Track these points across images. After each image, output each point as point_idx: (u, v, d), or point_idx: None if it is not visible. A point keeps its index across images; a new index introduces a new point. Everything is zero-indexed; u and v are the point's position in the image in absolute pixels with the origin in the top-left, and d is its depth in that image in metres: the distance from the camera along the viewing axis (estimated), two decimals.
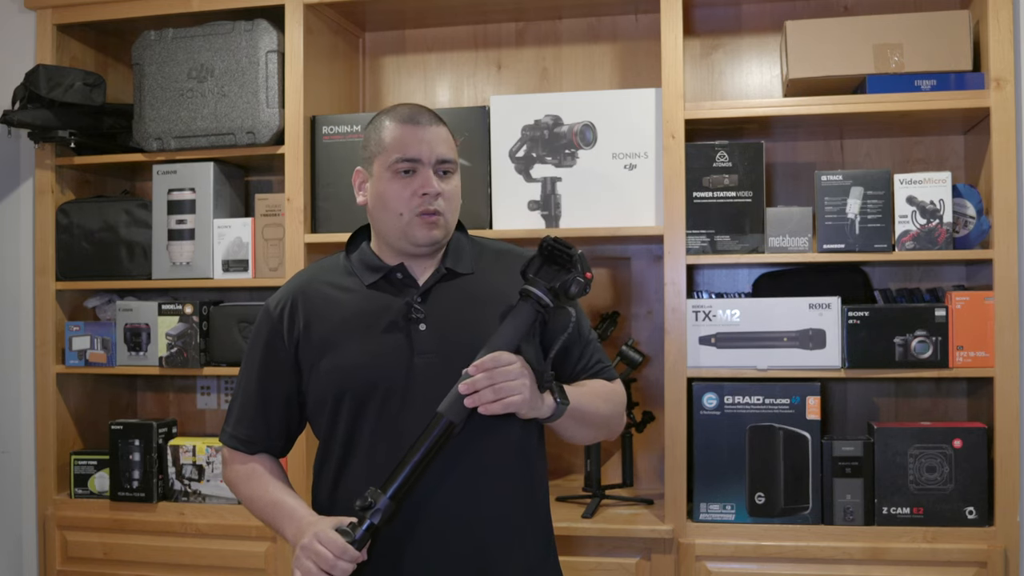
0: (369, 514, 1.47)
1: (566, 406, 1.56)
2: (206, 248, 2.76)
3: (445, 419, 1.49)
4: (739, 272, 2.81)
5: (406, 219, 1.61)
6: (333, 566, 1.45)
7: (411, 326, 1.61)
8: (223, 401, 3.10)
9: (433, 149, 1.61)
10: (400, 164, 1.60)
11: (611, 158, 2.54)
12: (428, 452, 1.49)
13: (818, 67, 2.46)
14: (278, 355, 1.67)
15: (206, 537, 2.70)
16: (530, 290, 1.55)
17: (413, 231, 1.61)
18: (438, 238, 1.63)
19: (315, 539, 1.47)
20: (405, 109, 1.65)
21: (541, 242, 1.57)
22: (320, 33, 2.76)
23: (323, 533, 1.47)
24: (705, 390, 2.45)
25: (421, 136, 1.61)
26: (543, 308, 1.55)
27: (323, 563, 1.45)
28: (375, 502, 1.47)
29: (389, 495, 1.47)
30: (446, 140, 1.64)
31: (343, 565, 1.45)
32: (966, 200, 2.43)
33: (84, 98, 2.76)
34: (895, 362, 2.38)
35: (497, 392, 1.47)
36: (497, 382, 1.47)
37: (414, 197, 1.60)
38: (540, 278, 1.56)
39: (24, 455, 2.95)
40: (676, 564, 2.42)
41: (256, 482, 1.68)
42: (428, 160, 1.60)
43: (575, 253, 1.56)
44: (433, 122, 1.64)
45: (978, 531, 2.33)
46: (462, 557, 1.59)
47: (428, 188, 1.59)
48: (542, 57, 2.94)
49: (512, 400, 1.48)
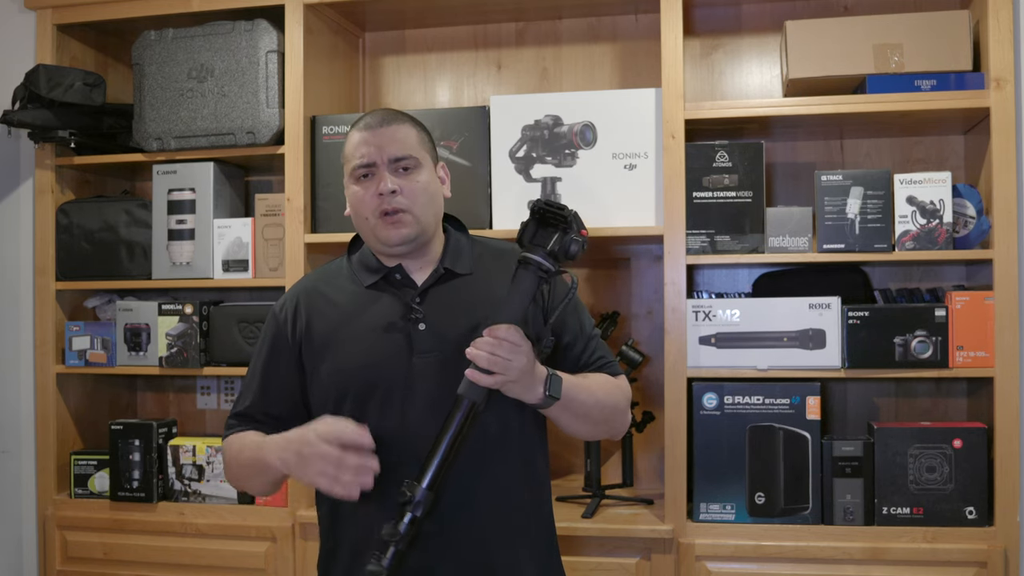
0: (409, 507, 1.46)
1: (554, 400, 1.56)
2: (206, 248, 2.76)
3: (467, 400, 1.49)
4: (739, 272, 2.81)
5: (372, 222, 1.63)
6: (340, 460, 1.44)
7: (410, 326, 1.61)
8: (223, 401, 3.10)
9: (384, 150, 1.62)
10: (358, 171, 1.63)
11: (611, 158, 2.54)
12: (456, 436, 1.49)
13: (818, 67, 2.46)
14: (283, 356, 1.69)
15: (206, 537, 2.70)
16: (529, 256, 1.53)
17: (379, 232, 1.62)
18: (407, 235, 1.62)
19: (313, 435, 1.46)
20: (366, 117, 1.67)
21: (531, 206, 1.55)
22: (320, 33, 2.76)
23: (319, 426, 1.47)
24: (705, 390, 2.45)
25: (372, 140, 1.62)
26: (544, 273, 1.53)
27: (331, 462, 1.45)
28: (413, 495, 1.46)
29: (426, 485, 1.47)
30: (402, 139, 1.64)
31: (351, 460, 1.45)
32: (966, 200, 2.43)
33: (84, 98, 2.77)
34: (895, 362, 2.38)
35: (492, 363, 1.47)
36: (496, 354, 1.47)
37: (373, 199, 1.61)
38: (536, 243, 1.54)
39: (24, 455, 2.95)
40: (676, 564, 2.42)
41: (243, 441, 1.66)
42: (381, 161, 1.62)
43: (568, 212, 1.54)
44: (389, 123, 1.64)
45: (978, 531, 2.33)
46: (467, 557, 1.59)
47: (381, 188, 1.60)
48: (542, 57, 2.95)
49: (499, 378, 1.48)
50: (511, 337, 1.48)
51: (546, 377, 1.55)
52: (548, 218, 1.54)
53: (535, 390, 1.54)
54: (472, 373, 1.48)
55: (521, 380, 1.50)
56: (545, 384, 1.55)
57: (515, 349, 1.48)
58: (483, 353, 1.47)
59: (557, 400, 1.56)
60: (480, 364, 1.47)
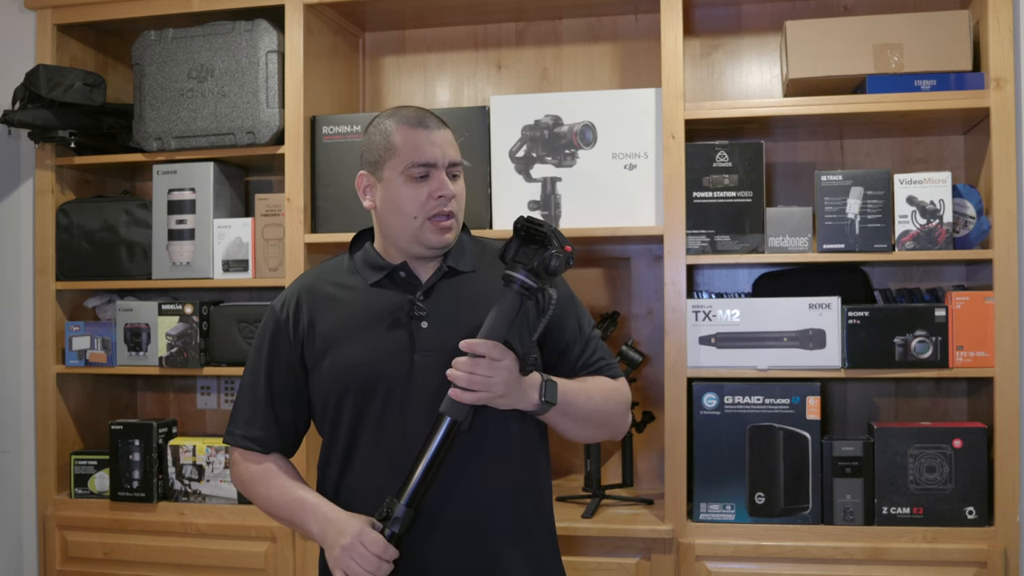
0: (389, 524, 1.49)
1: (551, 406, 1.56)
2: (206, 248, 2.76)
3: (448, 419, 1.50)
4: (739, 272, 2.81)
5: (419, 223, 1.62)
6: (378, 568, 1.48)
7: (413, 324, 1.61)
8: (223, 401, 3.10)
9: (445, 152, 1.62)
10: (415, 169, 1.61)
11: (611, 158, 2.54)
12: (437, 454, 1.50)
13: (818, 67, 2.46)
14: (285, 354, 1.68)
15: (206, 537, 2.70)
16: (511, 275, 1.53)
17: (426, 235, 1.62)
18: (450, 241, 1.64)
19: (359, 541, 1.49)
20: (411, 112, 1.66)
21: (515, 224, 1.56)
22: (320, 33, 2.76)
23: (366, 534, 1.50)
24: (705, 390, 2.45)
25: (433, 140, 1.62)
26: (527, 291, 1.53)
27: (368, 565, 1.48)
28: (392, 512, 1.49)
29: (405, 502, 1.49)
30: (453, 143, 1.66)
31: (386, 567, 1.49)
32: (966, 200, 2.43)
33: (84, 98, 2.77)
34: (895, 362, 2.38)
35: (471, 383, 1.48)
36: (475, 373, 1.48)
37: (429, 200, 1.61)
38: (518, 260, 1.55)
39: (24, 455, 2.95)
40: (676, 564, 2.42)
41: (273, 481, 1.67)
42: (442, 163, 1.62)
43: (548, 228, 1.54)
44: (440, 125, 1.65)
45: (978, 531, 2.33)
46: (467, 558, 1.59)
47: (444, 191, 1.61)
48: (542, 57, 2.95)
49: (481, 395, 1.49)
50: (491, 353, 1.48)
51: (541, 384, 1.55)
52: (532, 235, 1.55)
53: (529, 398, 1.54)
54: (455, 392, 1.49)
55: (508, 394, 1.51)
56: (540, 390, 1.55)
57: (494, 365, 1.48)
58: (461, 373, 1.48)
59: (554, 406, 1.56)
60: (460, 384, 1.49)
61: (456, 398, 1.49)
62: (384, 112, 1.69)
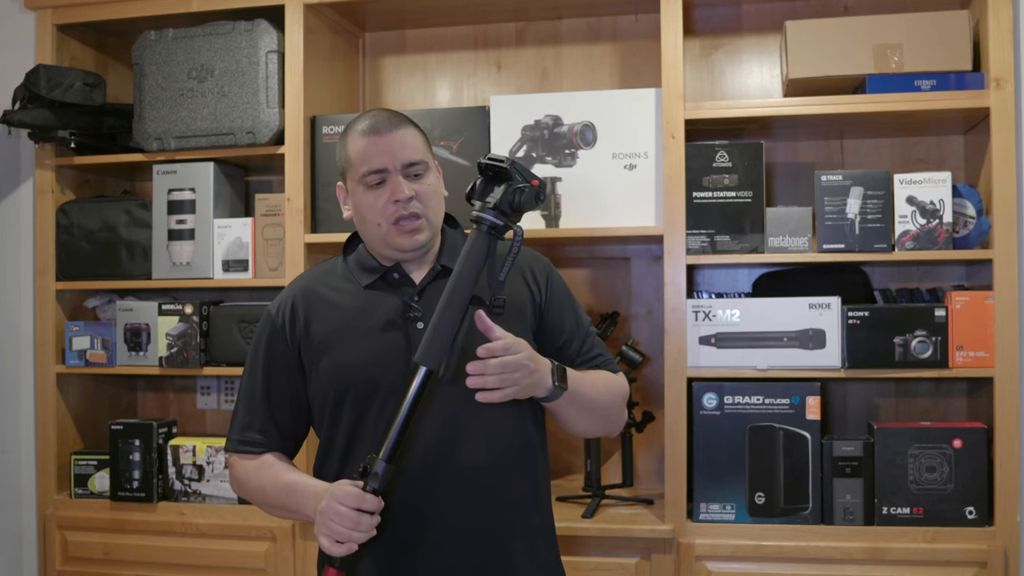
0: (368, 480, 1.47)
1: (563, 390, 1.56)
2: (206, 248, 2.76)
3: (424, 369, 1.48)
4: (739, 272, 2.81)
5: (384, 229, 1.62)
6: (358, 521, 1.45)
7: (409, 324, 1.62)
8: (223, 401, 3.10)
9: (396, 156, 1.61)
10: (370, 177, 1.62)
11: (611, 158, 2.54)
12: (413, 406, 1.48)
13: (818, 67, 2.46)
14: (282, 357, 1.68)
15: (206, 537, 2.70)
16: (479, 215, 1.50)
17: (394, 239, 1.62)
18: (422, 241, 1.64)
19: (332, 499, 1.46)
20: (366, 120, 1.65)
21: (477, 164, 1.54)
22: (320, 33, 2.76)
23: (338, 490, 1.47)
24: (705, 390, 2.45)
25: (382, 146, 1.61)
26: (495, 231, 1.50)
27: (346, 521, 1.45)
28: (371, 468, 1.47)
29: (384, 458, 1.47)
30: (410, 143, 1.64)
31: (366, 520, 1.45)
32: (966, 200, 2.43)
33: (84, 98, 2.77)
34: (895, 362, 2.38)
35: (502, 381, 1.48)
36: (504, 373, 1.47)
37: (388, 206, 1.61)
38: (485, 200, 1.52)
39: (24, 455, 2.95)
40: (676, 564, 2.42)
41: (266, 471, 1.66)
42: (394, 167, 1.61)
43: (509, 164, 1.51)
44: (395, 127, 1.63)
45: (978, 531, 2.33)
46: (467, 557, 1.59)
47: (398, 195, 1.60)
48: (542, 57, 2.95)
49: (507, 392, 1.49)
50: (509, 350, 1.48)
51: (552, 368, 1.56)
52: (496, 174, 1.52)
53: (544, 382, 1.54)
54: (483, 395, 1.48)
55: (531, 381, 1.51)
56: (552, 374, 1.55)
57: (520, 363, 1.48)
58: (492, 377, 1.47)
59: (565, 390, 1.56)
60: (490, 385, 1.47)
61: (487, 400, 1.48)
62: (351, 120, 1.70)
